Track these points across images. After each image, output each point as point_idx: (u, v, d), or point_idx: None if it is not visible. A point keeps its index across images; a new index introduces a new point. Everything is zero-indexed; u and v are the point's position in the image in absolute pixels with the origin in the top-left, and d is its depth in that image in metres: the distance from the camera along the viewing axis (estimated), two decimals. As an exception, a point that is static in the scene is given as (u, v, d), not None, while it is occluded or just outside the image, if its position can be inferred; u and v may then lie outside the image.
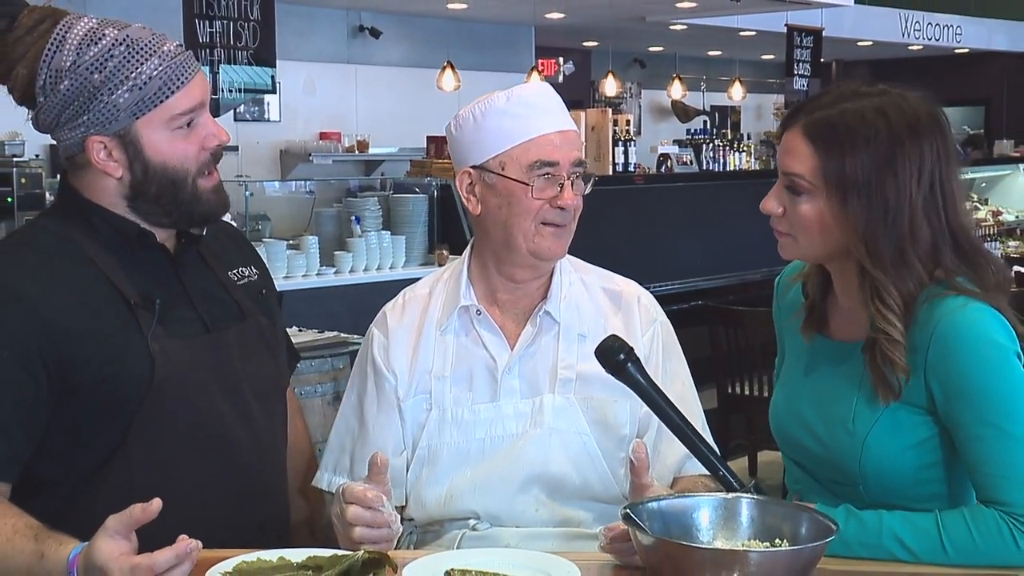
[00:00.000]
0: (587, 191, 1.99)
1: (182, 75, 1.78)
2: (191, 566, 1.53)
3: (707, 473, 1.75)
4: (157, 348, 1.77)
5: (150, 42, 1.78)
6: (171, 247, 1.88)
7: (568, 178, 1.94)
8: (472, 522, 1.94)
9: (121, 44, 1.76)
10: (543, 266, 2.00)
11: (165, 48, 1.78)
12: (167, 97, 1.76)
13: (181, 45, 1.84)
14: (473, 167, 1.98)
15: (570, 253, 2.04)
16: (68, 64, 1.74)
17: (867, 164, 1.71)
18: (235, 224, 6.46)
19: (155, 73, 1.75)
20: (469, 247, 2.07)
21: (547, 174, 1.93)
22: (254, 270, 2.03)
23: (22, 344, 1.71)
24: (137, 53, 1.75)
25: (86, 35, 1.75)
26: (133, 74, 1.74)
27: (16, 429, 1.72)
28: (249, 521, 1.85)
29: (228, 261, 1.99)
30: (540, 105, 1.97)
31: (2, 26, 1.78)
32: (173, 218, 1.84)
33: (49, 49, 1.75)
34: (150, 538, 1.71)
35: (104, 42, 1.75)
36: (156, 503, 1.53)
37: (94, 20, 1.78)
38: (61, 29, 1.76)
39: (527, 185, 1.92)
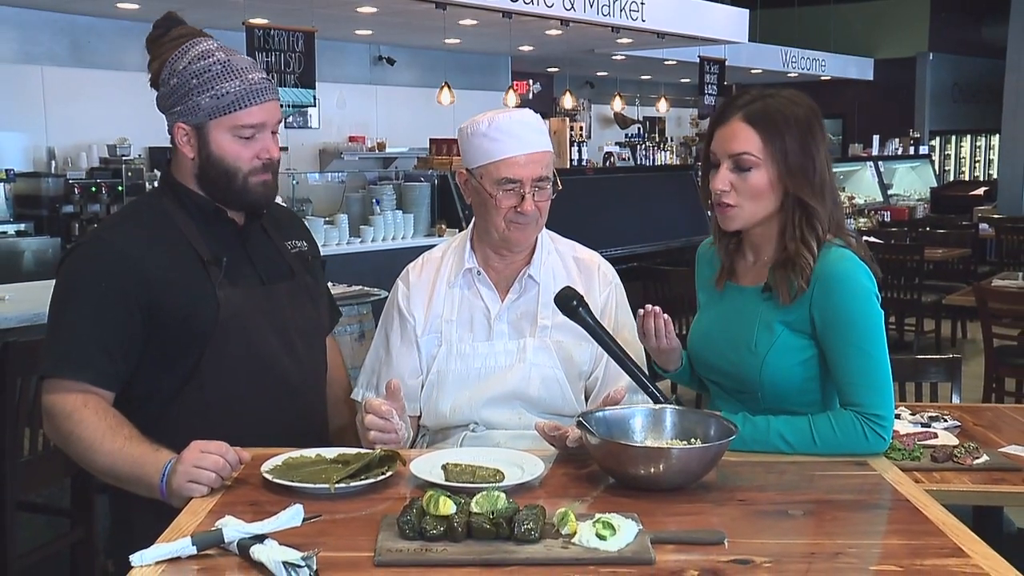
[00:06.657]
0: (552, 197, 1.92)
1: (254, 98, 1.75)
2: (231, 471, 1.52)
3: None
4: (223, 296, 1.74)
5: (242, 68, 1.75)
6: (239, 221, 1.85)
7: (530, 191, 1.88)
8: (472, 425, 1.92)
9: (220, 64, 1.74)
10: (515, 249, 1.96)
11: (251, 76, 1.75)
12: (236, 110, 1.73)
13: (268, 78, 1.79)
14: (467, 169, 1.94)
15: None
16: (181, 67, 1.74)
17: (798, 136, 1.70)
18: (286, 206, 6.39)
19: (233, 90, 1.73)
20: (472, 223, 2.03)
21: (510, 188, 1.87)
22: (305, 243, 1.99)
23: (123, 289, 1.68)
24: (228, 73, 1.73)
25: (202, 52, 1.75)
26: (217, 87, 1.72)
27: (117, 350, 1.69)
28: (294, 431, 1.80)
29: (286, 234, 1.95)
30: (513, 132, 1.88)
31: (160, 32, 1.82)
32: (227, 200, 1.81)
33: (176, 53, 1.76)
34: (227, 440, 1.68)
35: (209, 60, 1.74)
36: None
37: (214, 44, 1.78)
38: (190, 44, 1.76)
39: (492, 196, 1.88)
